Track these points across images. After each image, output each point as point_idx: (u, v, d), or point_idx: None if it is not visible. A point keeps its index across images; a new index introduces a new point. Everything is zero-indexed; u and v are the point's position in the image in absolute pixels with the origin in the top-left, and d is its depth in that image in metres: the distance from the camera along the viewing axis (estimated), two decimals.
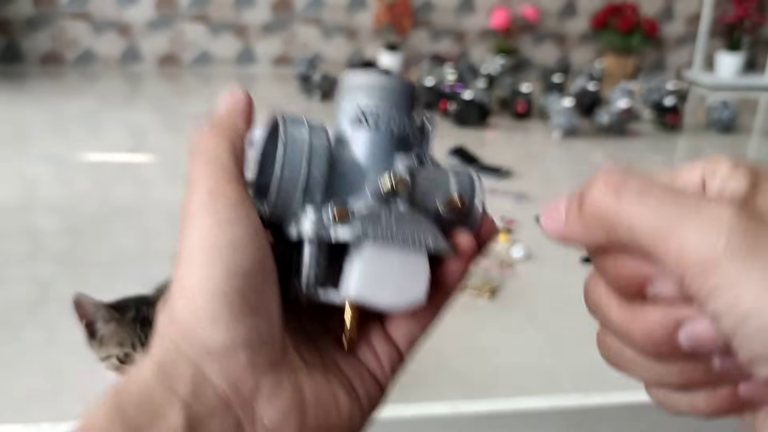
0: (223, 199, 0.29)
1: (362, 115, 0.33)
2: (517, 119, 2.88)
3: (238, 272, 0.27)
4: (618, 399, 1.11)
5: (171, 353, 0.27)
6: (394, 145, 0.33)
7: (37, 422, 0.98)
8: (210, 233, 0.28)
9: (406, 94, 0.33)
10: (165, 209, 1.83)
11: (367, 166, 0.32)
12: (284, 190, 0.31)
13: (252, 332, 0.27)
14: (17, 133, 2.49)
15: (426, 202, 0.32)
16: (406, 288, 0.31)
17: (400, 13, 3.88)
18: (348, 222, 0.30)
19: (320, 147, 0.31)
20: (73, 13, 3.63)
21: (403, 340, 0.34)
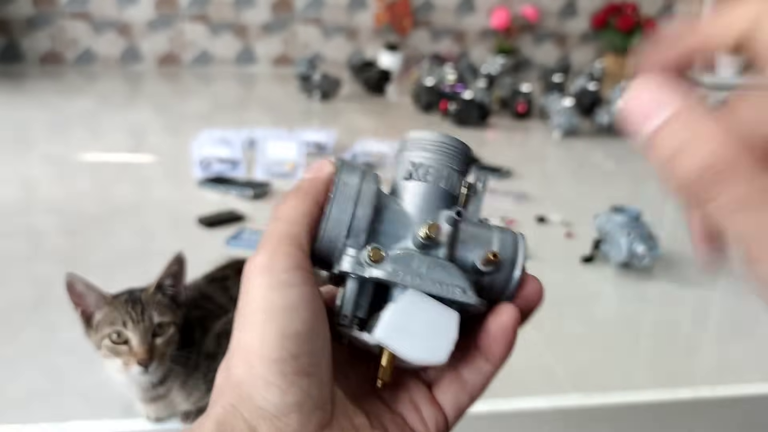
0: (282, 263, 0.30)
1: (413, 167, 0.35)
2: (517, 119, 2.88)
3: (292, 335, 0.29)
4: (618, 399, 1.11)
5: (228, 413, 0.29)
6: (441, 199, 0.34)
7: (37, 422, 0.98)
8: (266, 296, 0.29)
9: (458, 152, 0.35)
10: (165, 209, 1.83)
11: (412, 215, 0.34)
12: (331, 229, 0.32)
13: (304, 395, 0.29)
14: (17, 133, 2.49)
15: (466, 256, 0.34)
16: (432, 344, 0.31)
17: (400, 13, 3.88)
18: (381, 262, 0.32)
19: (368, 193, 0.33)
20: (73, 13, 3.63)
21: (450, 407, 0.35)
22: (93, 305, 0.85)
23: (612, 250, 1.52)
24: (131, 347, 0.83)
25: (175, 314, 0.87)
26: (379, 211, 0.33)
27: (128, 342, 0.84)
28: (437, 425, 0.34)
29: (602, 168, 2.42)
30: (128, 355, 0.83)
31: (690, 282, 1.53)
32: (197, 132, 2.34)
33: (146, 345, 0.83)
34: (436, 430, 0.34)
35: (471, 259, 0.33)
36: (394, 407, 0.34)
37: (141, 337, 0.83)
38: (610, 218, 1.55)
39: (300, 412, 0.29)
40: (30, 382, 1.09)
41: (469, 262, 0.33)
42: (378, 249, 0.32)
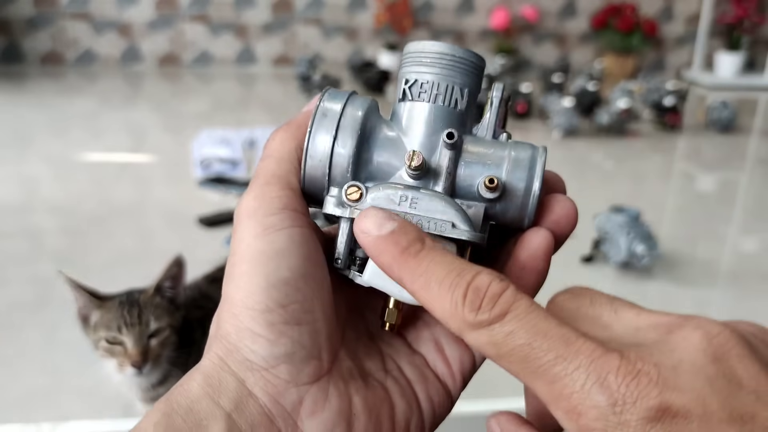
0: (268, 206, 0.28)
1: (406, 84, 0.30)
2: (517, 119, 2.88)
3: (278, 283, 0.27)
4: None
5: (216, 366, 0.28)
6: (442, 119, 0.30)
7: (37, 422, 0.98)
8: (252, 242, 0.27)
9: (461, 62, 0.31)
10: (165, 209, 1.83)
11: (408, 142, 0.30)
12: (311, 167, 0.29)
13: (295, 345, 0.27)
14: (17, 133, 2.49)
15: (471, 181, 0.29)
16: None
17: (400, 13, 3.89)
18: (361, 201, 0.29)
19: (351, 120, 0.29)
20: (73, 13, 3.64)
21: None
22: (84, 306, 0.85)
23: (612, 250, 1.52)
24: (126, 349, 0.84)
25: (172, 317, 0.87)
26: (367, 139, 0.29)
27: (123, 344, 0.84)
28: (462, 365, 0.31)
29: (602, 168, 2.42)
30: (123, 357, 0.84)
31: (690, 282, 1.53)
32: (197, 132, 2.35)
33: (140, 347, 0.83)
34: (460, 371, 0.31)
35: (476, 184, 0.29)
36: (416, 346, 0.32)
37: (135, 340, 0.83)
38: (610, 218, 1.55)
39: (290, 363, 0.27)
40: (30, 382, 1.09)
41: (475, 187, 0.29)
42: (356, 186, 0.29)
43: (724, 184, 2.36)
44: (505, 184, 0.29)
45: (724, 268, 1.65)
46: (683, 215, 2.05)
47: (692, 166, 2.54)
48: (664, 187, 2.29)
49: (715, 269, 1.62)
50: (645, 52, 4.17)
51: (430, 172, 0.29)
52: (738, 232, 1.91)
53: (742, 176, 2.44)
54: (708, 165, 2.54)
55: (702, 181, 2.38)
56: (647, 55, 4.21)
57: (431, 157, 0.29)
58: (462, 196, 0.30)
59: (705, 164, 2.55)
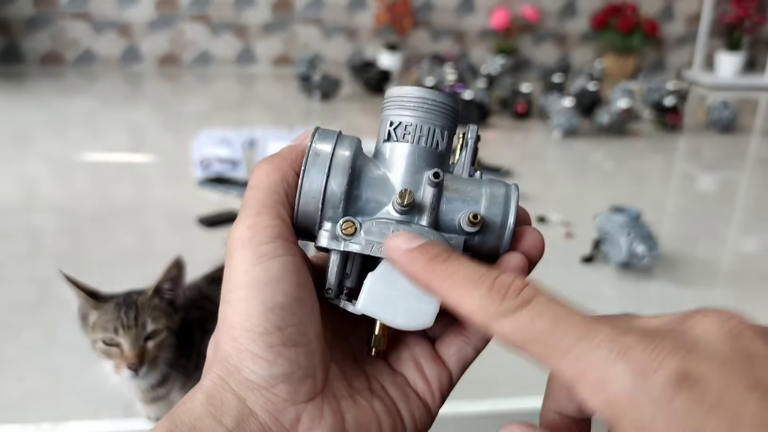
0: (261, 235, 0.30)
1: (391, 126, 0.33)
2: (517, 119, 2.88)
3: (275, 307, 0.29)
4: None
5: (218, 386, 0.29)
6: (424, 159, 0.32)
7: (37, 422, 0.98)
8: (249, 269, 0.29)
9: (441, 106, 0.33)
10: (165, 209, 1.83)
11: (393, 179, 0.32)
12: (305, 204, 0.31)
13: (292, 366, 0.29)
14: (17, 133, 2.49)
15: (453, 217, 0.32)
16: (416, 309, 0.31)
17: (400, 13, 3.88)
18: (355, 235, 0.31)
19: (341, 160, 0.32)
20: (73, 13, 3.64)
21: (454, 362, 0.34)
22: (82, 306, 0.85)
23: (612, 250, 1.52)
24: (122, 351, 0.83)
25: (170, 319, 0.87)
26: (357, 177, 0.32)
27: (119, 346, 0.84)
28: (440, 382, 0.34)
29: (602, 168, 2.42)
30: (119, 359, 0.83)
31: (690, 282, 1.53)
32: (197, 132, 2.35)
33: (137, 350, 0.83)
34: (439, 387, 0.34)
35: (457, 219, 0.32)
36: (397, 367, 0.34)
37: (132, 342, 0.83)
38: (610, 218, 1.55)
39: (288, 383, 0.29)
40: (30, 382, 1.09)
41: (456, 222, 0.32)
42: (351, 222, 0.31)
43: (724, 184, 2.36)
44: (484, 219, 0.32)
45: (724, 268, 1.65)
46: (683, 215, 2.04)
47: (692, 166, 2.54)
48: (665, 187, 2.29)
49: (715, 269, 1.62)
50: (645, 52, 4.17)
51: (415, 208, 0.32)
52: (738, 232, 1.91)
53: (742, 176, 2.44)
54: (708, 165, 2.54)
55: (702, 181, 2.38)
56: (647, 55, 4.21)
57: (416, 194, 0.32)
58: (444, 229, 0.32)
59: (705, 164, 2.55)
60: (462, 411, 1.04)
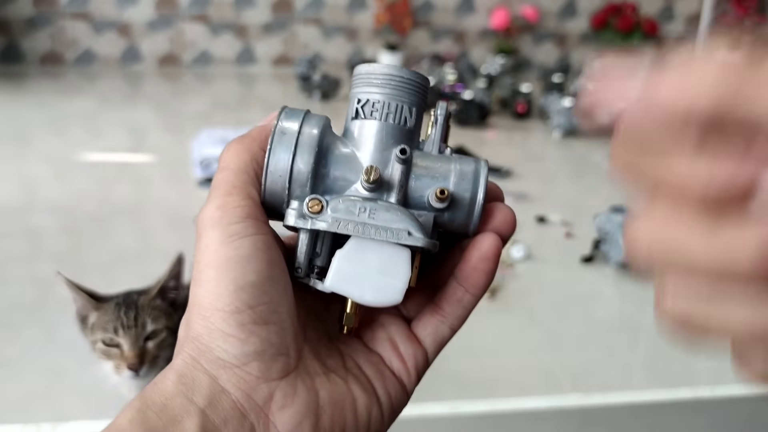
0: (231, 215, 0.30)
1: (359, 104, 0.33)
2: (517, 119, 2.88)
3: (246, 286, 0.28)
4: (618, 399, 1.11)
5: (189, 365, 0.29)
6: (392, 136, 0.32)
7: (37, 422, 0.98)
8: (218, 249, 0.29)
9: (408, 83, 0.33)
10: (165, 209, 1.83)
11: (362, 156, 0.32)
12: (272, 182, 0.31)
13: (264, 344, 0.29)
14: (17, 133, 2.49)
15: (421, 193, 0.32)
16: (384, 286, 0.31)
17: (400, 13, 3.88)
18: (321, 213, 0.31)
19: (308, 138, 0.31)
20: (73, 13, 3.63)
21: (430, 341, 0.34)
22: (82, 307, 0.85)
23: (612, 250, 1.52)
24: (122, 351, 0.83)
25: (170, 318, 0.87)
26: (324, 155, 0.32)
27: (119, 346, 0.84)
28: (416, 361, 0.34)
29: (602, 168, 2.42)
30: (119, 359, 0.84)
31: None
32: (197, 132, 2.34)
33: (137, 350, 0.83)
34: (414, 366, 0.34)
35: (426, 195, 0.32)
36: (372, 346, 0.34)
37: (132, 342, 0.83)
38: (610, 218, 1.55)
39: (261, 360, 0.29)
40: (30, 382, 1.09)
41: (425, 198, 0.32)
42: (317, 199, 0.31)
43: None
44: (453, 195, 0.32)
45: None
46: None
47: None
48: None
49: None
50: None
51: (384, 185, 0.32)
52: None
53: None
54: None
55: None
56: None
57: (384, 171, 0.32)
58: (413, 206, 0.32)
59: None
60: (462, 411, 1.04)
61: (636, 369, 1.23)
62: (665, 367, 1.22)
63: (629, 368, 1.22)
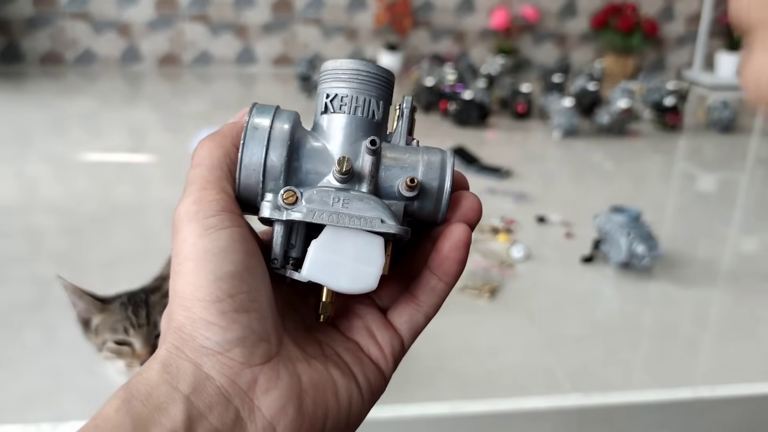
0: (207, 208, 0.30)
1: (327, 98, 0.34)
2: (517, 119, 2.88)
3: (225, 276, 0.29)
4: (618, 399, 1.11)
5: (173, 354, 0.30)
6: (361, 128, 0.33)
7: (37, 422, 0.98)
8: (196, 242, 0.30)
9: (374, 78, 0.34)
10: (165, 209, 1.83)
11: (332, 149, 0.33)
12: (245, 177, 0.32)
13: (246, 330, 0.29)
14: (17, 133, 2.49)
15: (391, 183, 0.33)
16: (359, 273, 0.31)
17: (400, 13, 3.88)
18: (296, 204, 0.31)
19: (279, 133, 0.32)
20: (73, 13, 3.63)
21: (405, 328, 0.35)
22: (85, 310, 0.85)
23: (612, 250, 1.52)
24: (134, 350, 0.83)
25: None
26: (296, 149, 0.33)
27: (131, 345, 0.84)
28: (392, 348, 0.35)
29: (602, 168, 2.42)
30: (131, 358, 0.83)
31: (690, 282, 1.53)
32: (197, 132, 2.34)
33: (149, 347, 0.83)
34: (391, 353, 0.35)
35: (396, 185, 0.33)
36: (349, 334, 0.35)
37: (144, 340, 0.83)
38: (610, 218, 1.55)
39: (243, 346, 0.29)
40: (30, 382, 1.09)
41: (395, 188, 0.33)
42: (292, 191, 0.31)
43: (724, 184, 2.36)
44: (422, 184, 0.33)
45: (724, 268, 1.65)
46: (683, 215, 2.04)
47: (692, 166, 2.54)
48: (665, 187, 2.29)
49: (715, 269, 1.62)
50: (645, 52, 4.17)
51: (355, 177, 0.33)
52: (738, 232, 1.91)
53: (742, 176, 2.44)
54: (708, 165, 2.53)
55: (702, 181, 2.38)
56: (647, 55, 4.21)
57: (354, 162, 0.33)
58: (384, 196, 0.33)
59: (705, 164, 2.55)
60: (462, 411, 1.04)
61: (636, 369, 1.23)
62: (665, 367, 1.22)
63: (629, 368, 1.22)
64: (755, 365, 1.23)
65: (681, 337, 1.33)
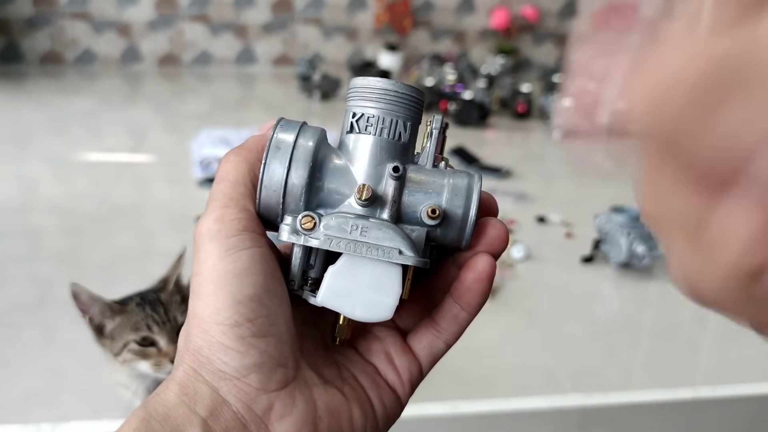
0: (228, 228, 0.30)
1: (353, 118, 0.33)
2: (517, 119, 2.88)
3: (245, 300, 0.29)
4: (618, 399, 1.11)
5: (190, 376, 0.30)
6: (387, 150, 0.32)
7: (37, 422, 0.98)
8: (217, 263, 0.30)
9: (404, 98, 0.33)
10: (165, 209, 1.83)
11: (356, 171, 0.32)
12: (266, 196, 0.32)
13: (263, 356, 0.29)
14: (17, 133, 2.49)
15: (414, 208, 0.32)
16: (375, 302, 0.31)
17: (400, 13, 3.88)
18: (314, 230, 0.31)
19: (303, 153, 0.32)
20: (72, 13, 3.63)
21: (424, 354, 0.35)
22: (99, 315, 0.85)
23: (612, 250, 1.52)
24: (160, 348, 0.83)
25: None
26: (319, 169, 0.32)
27: (156, 344, 0.83)
28: (410, 373, 0.34)
29: (602, 168, 2.42)
30: (158, 357, 0.83)
31: None
32: (197, 132, 2.34)
33: (175, 344, 0.83)
34: (409, 378, 0.34)
35: (419, 211, 0.32)
36: (367, 356, 0.35)
37: (169, 337, 0.83)
38: (610, 218, 1.55)
39: (260, 372, 0.29)
40: (30, 382, 1.09)
41: (418, 214, 0.32)
42: (310, 216, 0.31)
43: None
44: (446, 211, 0.32)
45: None
46: None
47: None
48: None
49: None
50: None
51: (377, 200, 0.32)
52: None
53: None
54: None
55: None
56: None
57: (377, 186, 0.32)
58: (406, 221, 0.32)
59: None
60: (462, 411, 1.04)
61: (636, 369, 1.23)
62: (665, 367, 1.22)
63: (629, 368, 1.22)
64: (755, 365, 1.23)
65: (681, 337, 1.33)
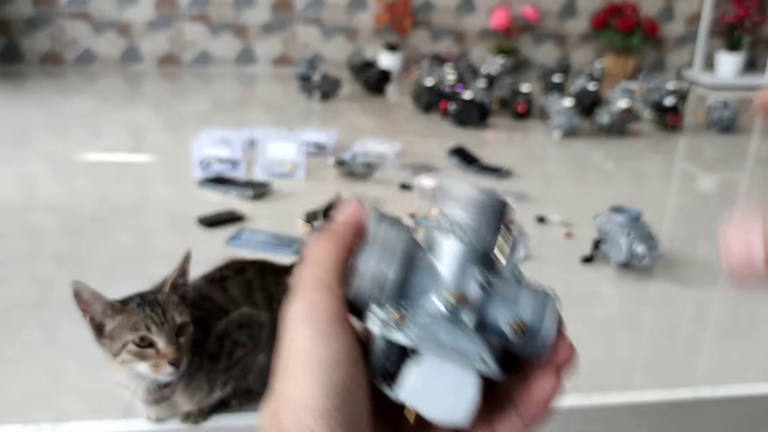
0: (319, 313, 0.31)
1: (450, 224, 0.35)
2: (517, 119, 2.88)
3: (335, 389, 0.30)
4: (618, 399, 1.11)
5: None
6: (475, 260, 0.34)
7: (37, 422, 0.98)
8: (308, 347, 0.31)
9: (497, 211, 0.35)
10: (165, 209, 1.83)
11: (444, 274, 0.34)
12: (361, 288, 0.33)
13: None
14: (17, 133, 2.49)
15: (495, 318, 0.34)
16: (453, 405, 0.32)
17: (400, 13, 3.89)
18: (405, 326, 0.32)
19: (402, 251, 0.33)
20: (72, 13, 3.63)
21: None
22: (100, 314, 0.85)
23: (612, 250, 1.52)
24: (158, 349, 0.83)
25: (189, 313, 0.88)
26: (409, 267, 0.34)
27: (154, 345, 0.83)
28: None
29: (602, 168, 2.42)
30: (156, 358, 0.83)
31: (690, 282, 1.53)
32: (197, 132, 2.34)
33: (174, 345, 0.83)
34: None
35: (500, 322, 0.34)
36: None
37: (167, 338, 0.83)
38: (610, 218, 1.55)
39: None
40: (30, 382, 1.09)
41: (498, 324, 0.34)
42: (399, 311, 0.32)
43: (724, 184, 2.36)
44: (527, 326, 0.34)
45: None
46: (684, 215, 2.05)
47: (693, 166, 2.54)
48: (665, 187, 2.29)
49: (715, 269, 1.62)
50: (645, 52, 4.17)
51: (460, 308, 0.33)
52: None
53: (742, 176, 2.44)
54: (708, 165, 2.53)
55: (702, 181, 2.38)
56: (647, 55, 4.21)
57: (462, 288, 0.34)
58: (486, 328, 0.34)
59: (705, 164, 2.55)
60: None
61: (636, 369, 1.23)
62: (665, 367, 1.22)
63: (629, 368, 1.22)
64: (755, 365, 1.23)
65: (681, 337, 1.33)
